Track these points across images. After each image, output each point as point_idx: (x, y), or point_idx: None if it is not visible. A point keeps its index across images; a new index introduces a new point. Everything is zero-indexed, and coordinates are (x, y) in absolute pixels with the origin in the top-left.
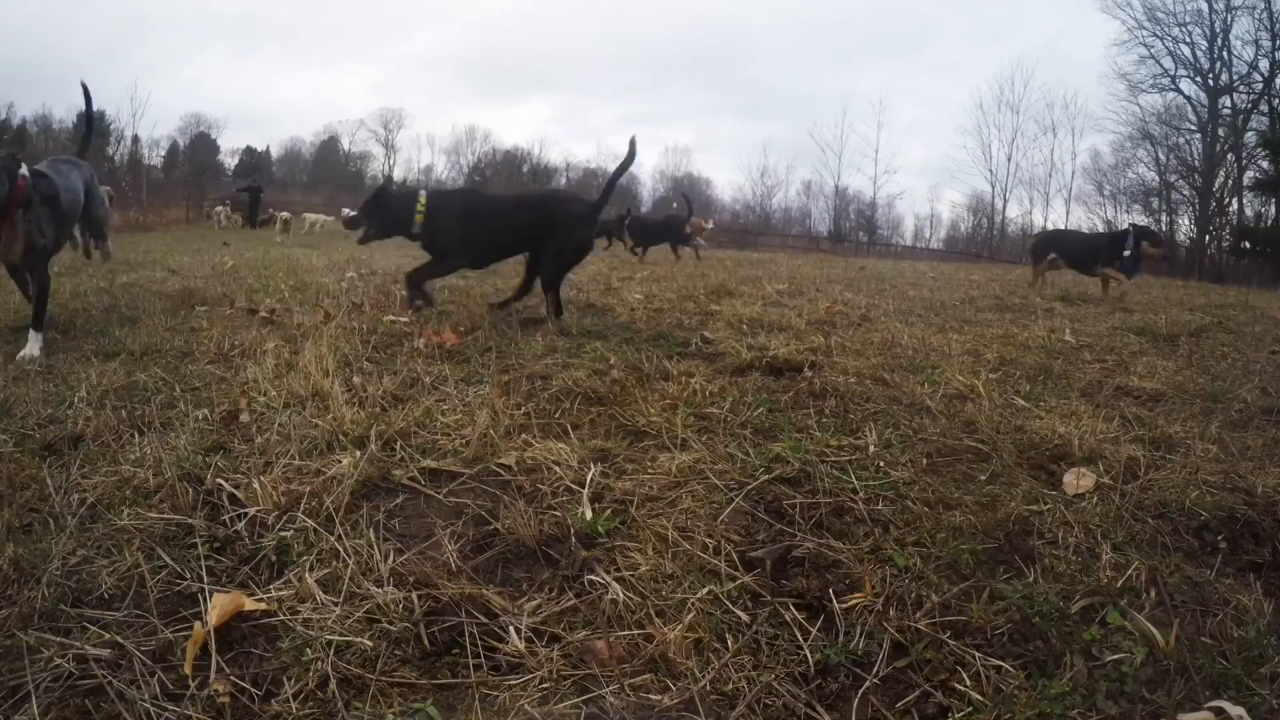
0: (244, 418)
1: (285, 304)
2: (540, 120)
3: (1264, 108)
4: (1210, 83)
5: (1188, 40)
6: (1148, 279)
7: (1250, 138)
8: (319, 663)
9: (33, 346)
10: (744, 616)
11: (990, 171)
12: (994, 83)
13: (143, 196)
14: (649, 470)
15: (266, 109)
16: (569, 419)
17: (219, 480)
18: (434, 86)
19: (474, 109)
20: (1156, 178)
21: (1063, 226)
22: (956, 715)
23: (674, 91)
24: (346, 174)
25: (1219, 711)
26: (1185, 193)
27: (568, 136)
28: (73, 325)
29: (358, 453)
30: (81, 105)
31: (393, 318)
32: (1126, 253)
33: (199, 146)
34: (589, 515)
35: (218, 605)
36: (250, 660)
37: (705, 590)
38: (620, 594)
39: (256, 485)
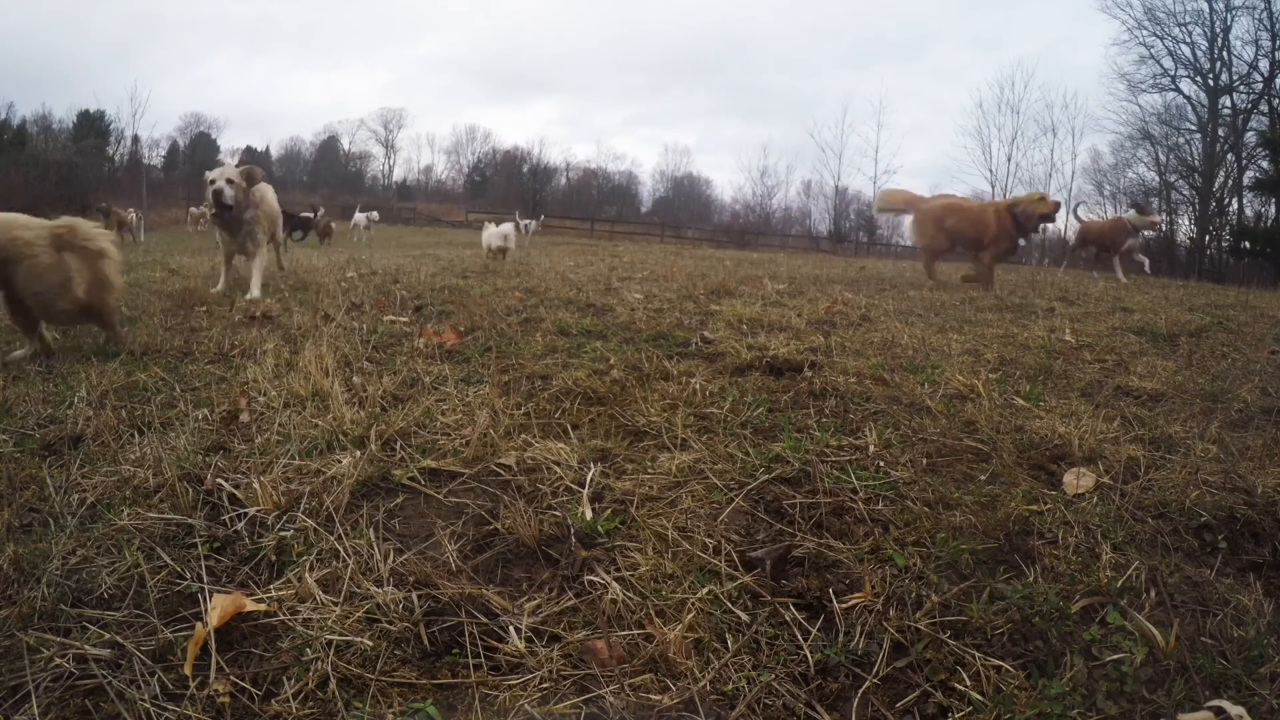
0: (244, 418)
1: (285, 304)
2: (545, 122)
3: (1264, 108)
4: (1210, 83)
5: (1188, 40)
6: (1146, 279)
7: (1250, 138)
8: (319, 663)
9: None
10: (744, 616)
11: (990, 171)
12: (994, 83)
13: (142, 195)
14: (649, 470)
15: (277, 109)
16: (569, 419)
17: (219, 480)
18: (442, 88)
19: (481, 110)
20: (1156, 178)
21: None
22: (956, 715)
23: (678, 94)
24: (346, 174)
25: (1219, 711)
26: (1185, 193)
27: (572, 137)
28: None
29: (358, 453)
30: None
31: (393, 318)
32: None
33: (199, 146)
34: (589, 515)
35: (218, 606)
36: (250, 660)
37: (705, 590)
38: (620, 594)
39: (256, 485)
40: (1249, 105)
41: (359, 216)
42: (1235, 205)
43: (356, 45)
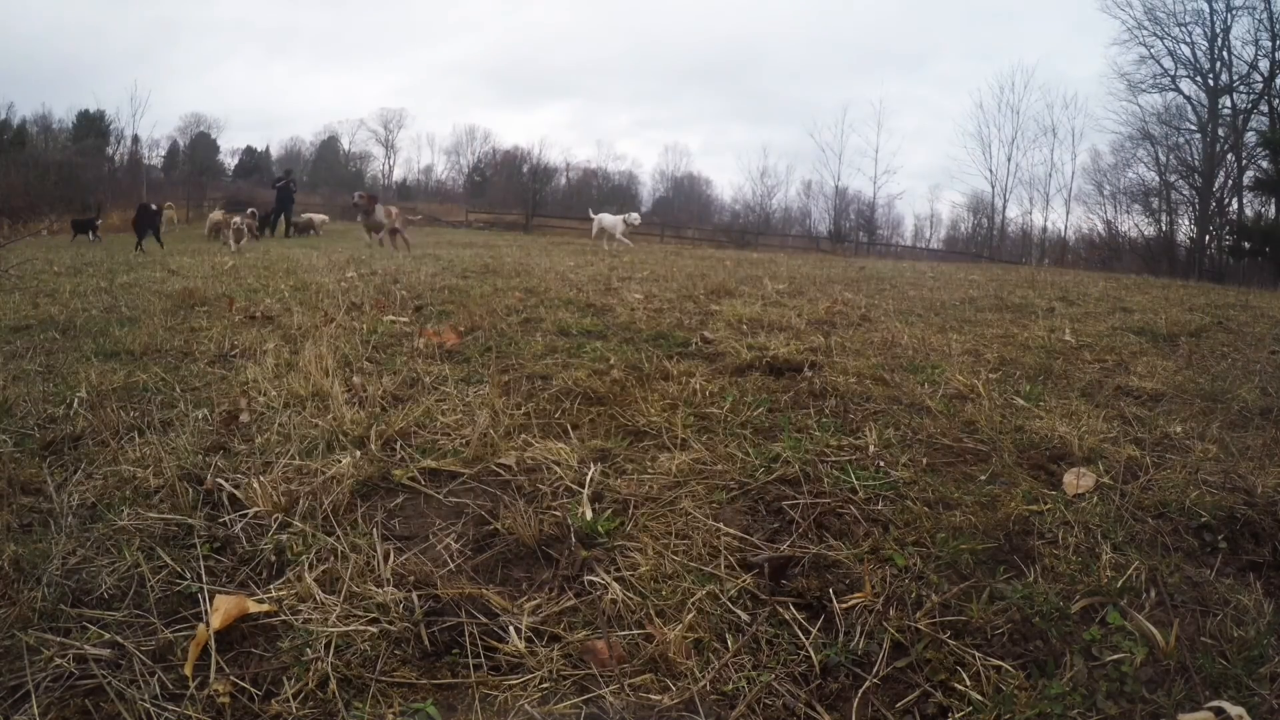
0: (244, 418)
1: (285, 304)
2: (555, 125)
3: (1264, 108)
4: (1210, 83)
5: (1188, 40)
6: (1147, 279)
7: (1250, 138)
8: (319, 663)
9: None
10: (744, 616)
11: (990, 171)
12: (994, 85)
13: (142, 195)
14: (649, 470)
15: (286, 110)
16: (569, 419)
17: (219, 480)
18: (456, 91)
19: (493, 113)
20: (1156, 178)
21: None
22: (956, 715)
23: (687, 100)
24: (346, 174)
25: (1219, 711)
26: (1185, 193)
27: (580, 140)
28: (73, 325)
29: (358, 453)
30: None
31: (393, 318)
32: None
33: (199, 146)
34: (589, 515)
35: (221, 608)
36: (250, 660)
37: (705, 590)
38: (620, 594)
39: (256, 485)
40: (1249, 105)
41: (609, 219)
42: (1235, 205)
43: (375, 49)
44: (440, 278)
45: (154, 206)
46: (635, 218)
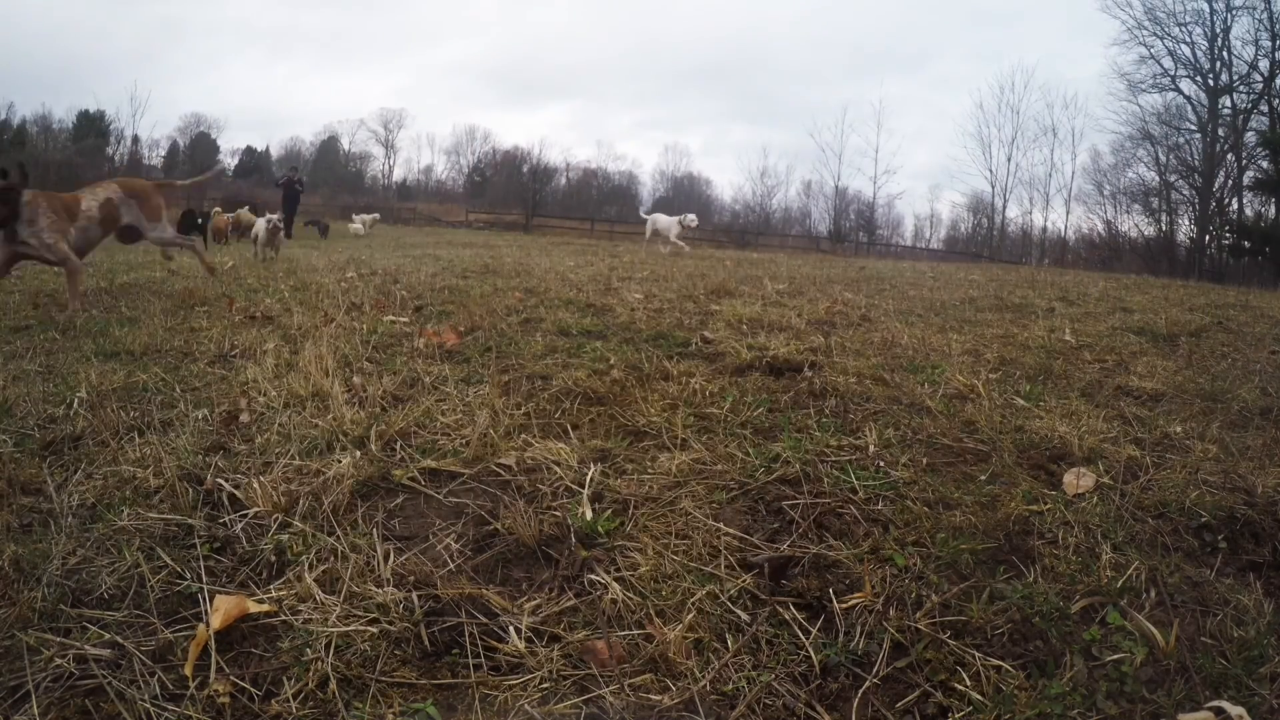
0: (244, 418)
1: (285, 304)
2: (555, 125)
3: (1264, 108)
4: (1210, 83)
5: (1188, 40)
6: (1148, 279)
7: (1250, 138)
8: (319, 663)
9: None
10: (744, 616)
11: (990, 171)
12: (995, 85)
13: None
14: (649, 470)
15: (287, 110)
16: (569, 419)
17: (219, 480)
18: (458, 91)
19: (494, 114)
20: (1156, 178)
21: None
22: (956, 715)
23: (688, 101)
24: (346, 174)
25: (1219, 711)
26: (1185, 193)
27: (580, 140)
28: (72, 325)
29: (358, 453)
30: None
31: (393, 318)
32: None
33: (199, 146)
34: (589, 515)
35: (221, 608)
36: (250, 660)
37: (705, 590)
38: (620, 594)
39: (256, 485)
40: (1249, 105)
41: (664, 220)
42: (1235, 205)
43: (376, 50)
44: (440, 278)
45: (196, 211)
46: (691, 219)
